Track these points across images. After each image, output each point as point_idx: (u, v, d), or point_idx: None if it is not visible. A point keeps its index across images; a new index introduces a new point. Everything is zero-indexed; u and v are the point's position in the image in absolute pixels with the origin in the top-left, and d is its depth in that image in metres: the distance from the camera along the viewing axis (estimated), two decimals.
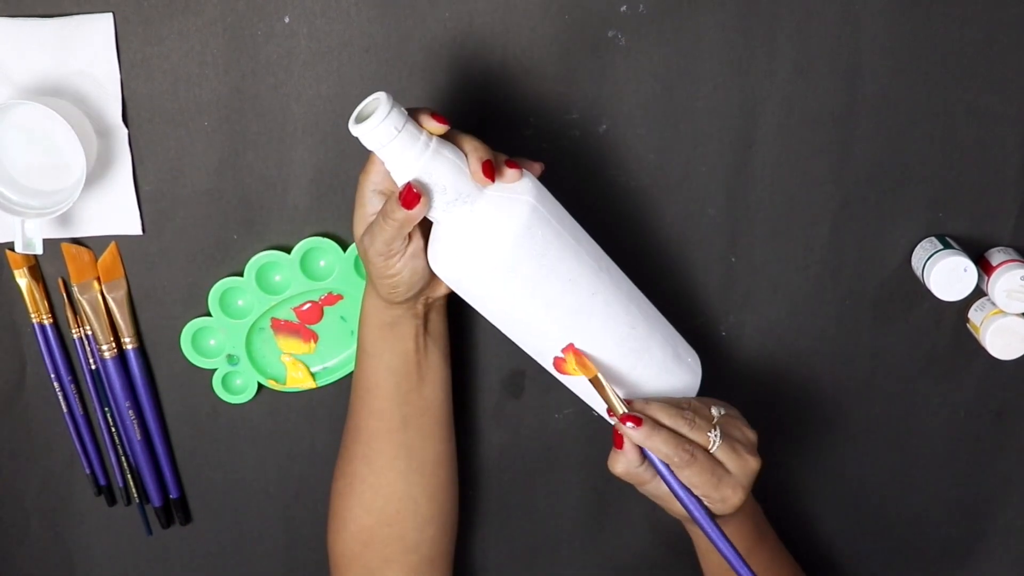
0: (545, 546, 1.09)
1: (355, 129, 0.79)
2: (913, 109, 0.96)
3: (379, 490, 0.94)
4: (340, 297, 0.98)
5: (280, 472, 1.05)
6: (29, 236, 0.91)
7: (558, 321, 0.85)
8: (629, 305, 0.88)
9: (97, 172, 0.93)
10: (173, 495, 1.04)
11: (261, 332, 0.98)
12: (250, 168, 0.95)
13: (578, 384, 0.88)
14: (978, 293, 0.99)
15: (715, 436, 0.85)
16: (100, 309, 0.97)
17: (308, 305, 0.98)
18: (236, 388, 1.00)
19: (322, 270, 0.97)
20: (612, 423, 0.85)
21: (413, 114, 0.81)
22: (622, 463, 0.85)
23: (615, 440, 0.85)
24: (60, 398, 1.00)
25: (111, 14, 0.90)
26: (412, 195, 0.80)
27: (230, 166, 0.94)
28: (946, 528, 1.10)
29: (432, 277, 0.87)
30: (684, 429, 0.84)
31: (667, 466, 0.84)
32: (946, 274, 0.95)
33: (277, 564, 1.08)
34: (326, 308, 0.98)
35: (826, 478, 1.08)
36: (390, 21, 0.91)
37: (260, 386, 1.00)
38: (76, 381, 1.00)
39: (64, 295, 0.97)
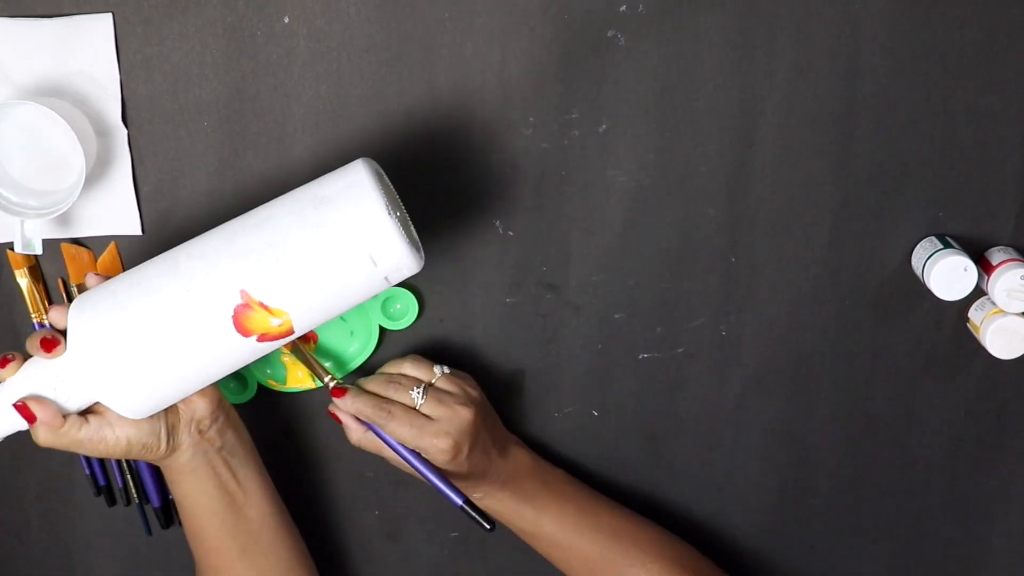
0: None
1: None
2: (913, 109, 0.96)
3: None
4: None
5: (280, 472, 1.04)
6: (29, 236, 0.91)
7: (205, 337, 0.81)
8: (231, 246, 0.81)
9: (97, 172, 0.93)
10: (173, 495, 1.04)
11: None
12: (250, 168, 0.94)
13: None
14: (978, 293, 0.99)
15: (418, 392, 0.93)
16: None
17: None
18: (236, 388, 1.00)
19: None
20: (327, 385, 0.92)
21: None
22: (351, 433, 0.94)
23: (333, 418, 0.94)
24: None
25: (111, 14, 0.90)
26: (24, 411, 0.82)
27: (230, 166, 0.94)
28: (946, 528, 1.10)
29: (175, 411, 0.87)
30: (389, 392, 0.93)
31: (381, 431, 0.92)
32: (946, 274, 0.95)
33: None
34: None
35: (826, 478, 1.08)
36: (390, 21, 0.91)
37: (260, 386, 1.00)
38: None
39: (64, 295, 0.97)
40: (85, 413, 0.85)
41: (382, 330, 0.99)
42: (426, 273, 0.98)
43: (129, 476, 1.02)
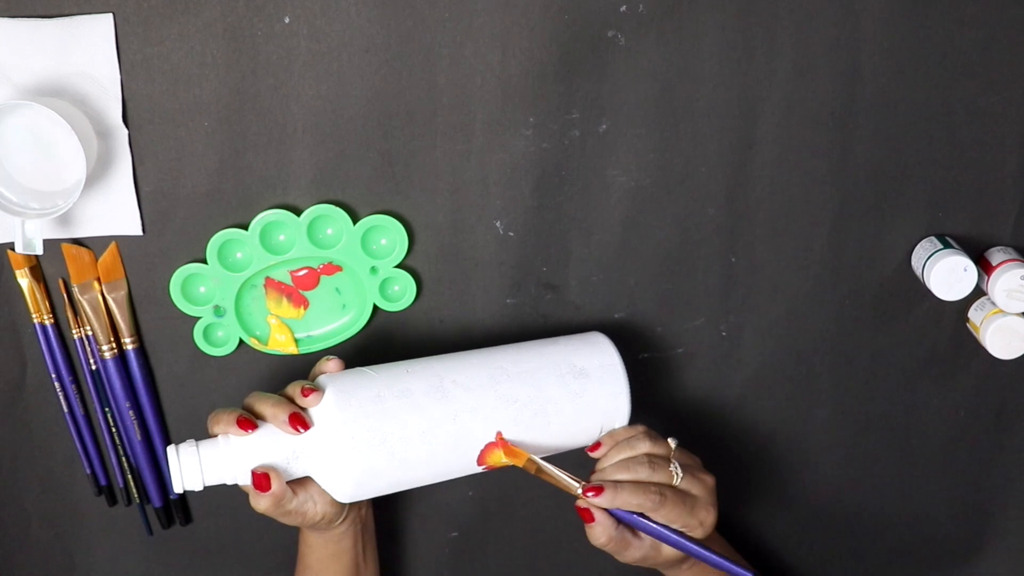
0: (545, 546, 1.09)
1: (176, 491, 0.88)
2: (913, 109, 0.96)
3: None
4: (339, 268, 0.97)
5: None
6: (29, 236, 0.91)
7: (449, 459, 0.89)
8: (497, 388, 0.90)
9: (97, 172, 0.93)
10: (173, 495, 1.04)
11: (253, 289, 0.98)
12: (250, 168, 0.95)
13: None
14: (978, 293, 0.99)
15: (676, 468, 0.88)
16: (100, 309, 0.97)
17: (305, 271, 0.98)
18: (217, 340, 0.99)
19: (328, 238, 0.96)
20: (576, 501, 0.88)
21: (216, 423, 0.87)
22: (600, 532, 0.87)
23: (582, 516, 0.88)
24: (60, 398, 1.00)
25: (111, 15, 0.90)
26: (261, 480, 0.85)
27: (230, 166, 0.94)
28: (946, 528, 1.10)
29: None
30: (644, 475, 0.87)
31: (642, 515, 0.87)
32: (946, 274, 0.95)
33: (277, 564, 1.08)
34: (323, 277, 0.98)
35: (826, 478, 1.08)
36: (390, 21, 0.91)
37: (241, 343, 0.99)
38: (76, 381, 1.00)
39: (64, 295, 0.97)
40: (291, 483, 0.88)
41: (376, 309, 0.99)
42: (426, 273, 0.99)
43: (130, 476, 1.02)
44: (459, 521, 1.07)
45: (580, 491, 0.87)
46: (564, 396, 0.91)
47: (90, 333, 0.98)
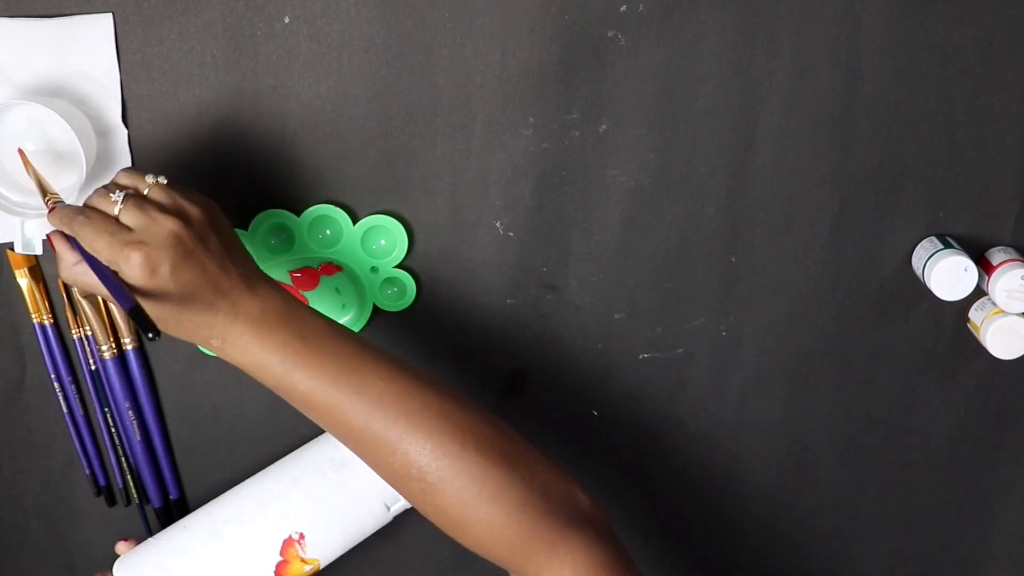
0: None
1: None
2: (913, 109, 0.96)
3: None
4: (339, 269, 0.97)
5: None
6: (29, 236, 0.91)
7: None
8: (266, 512, 0.94)
9: (97, 172, 0.93)
10: (173, 495, 1.04)
11: None
12: (250, 168, 0.94)
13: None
14: (978, 293, 0.98)
15: (118, 196, 0.81)
16: (100, 309, 0.97)
17: (305, 271, 0.97)
18: None
19: (328, 238, 0.96)
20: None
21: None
22: (60, 265, 0.83)
23: (50, 244, 0.83)
24: (60, 398, 1.00)
25: (111, 14, 0.90)
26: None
27: (230, 166, 0.94)
28: (946, 528, 1.10)
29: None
30: (92, 200, 0.82)
31: (78, 245, 0.81)
32: (946, 274, 0.95)
33: None
34: (323, 277, 0.98)
35: (826, 478, 1.08)
36: (390, 21, 0.91)
37: None
38: (76, 381, 1.00)
39: (64, 296, 0.97)
40: None
41: (376, 309, 0.99)
42: (426, 273, 0.98)
43: (129, 476, 1.02)
44: None
45: (48, 205, 0.85)
46: (331, 493, 0.94)
47: (89, 333, 0.98)
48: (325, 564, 0.95)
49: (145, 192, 0.82)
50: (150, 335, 0.75)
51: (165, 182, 0.83)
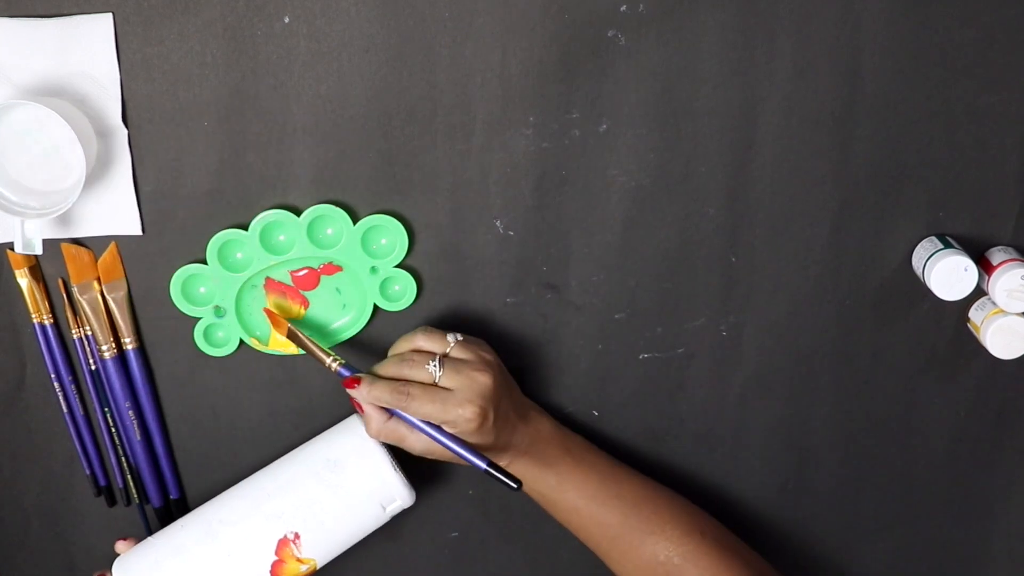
0: (545, 546, 1.08)
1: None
2: (913, 109, 0.96)
3: None
4: (339, 268, 0.97)
5: None
6: (29, 236, 0.91)
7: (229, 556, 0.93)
8: (261, 511, 0.94)
9: (97, 172, 0.93)
10: (173, 495, 1.04)
11: (253, 289, 0.98)
12: (250, 168, 0.94)
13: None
14: (978, 293, 0.98)
15: (434, 366, 0.91)
16: (100, 309, 0.97)
17: (306, 271, 0.97)
18: (217, 340, 0.99)
19: (328, 238, 0.96)
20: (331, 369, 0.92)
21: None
22: (372, 424, 0.92)
23: (357, 407, 0.93)
24: (60, 398, 1.00)
25: (111, 14, 0.90)
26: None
27: (230, 166, 0.94)
28: (946, 528, 1.10)
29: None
30: (404, 371, 0.91)
31: (399, 412, 0.91)
32: (946, 274, 0.95)
33: None
34: (323, 277, 0.98)
35: (826, 478, 1.08)
36: (390, 21, 0.91)
37: (241, 343, 0.99)
38: (76, 381, 1.00)
39: (64, 295, 0.97)
40: None
41: (376, 309, 0.99)
42: (427, 273, 0.98)
43: (129, 476, 1.02)
44: (459, 521, 1.07)
45: (341, 374, 0.92)
46: (326, 493, 0.94)
47: (90, 333, 0.98)
48: (322, 564, 0.95)
49: (448, 352, 0.93)
50: (514, 486, 0.90)
51: (462, 339, 0.94)
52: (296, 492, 0.94)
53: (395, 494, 0.95)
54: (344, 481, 0.94)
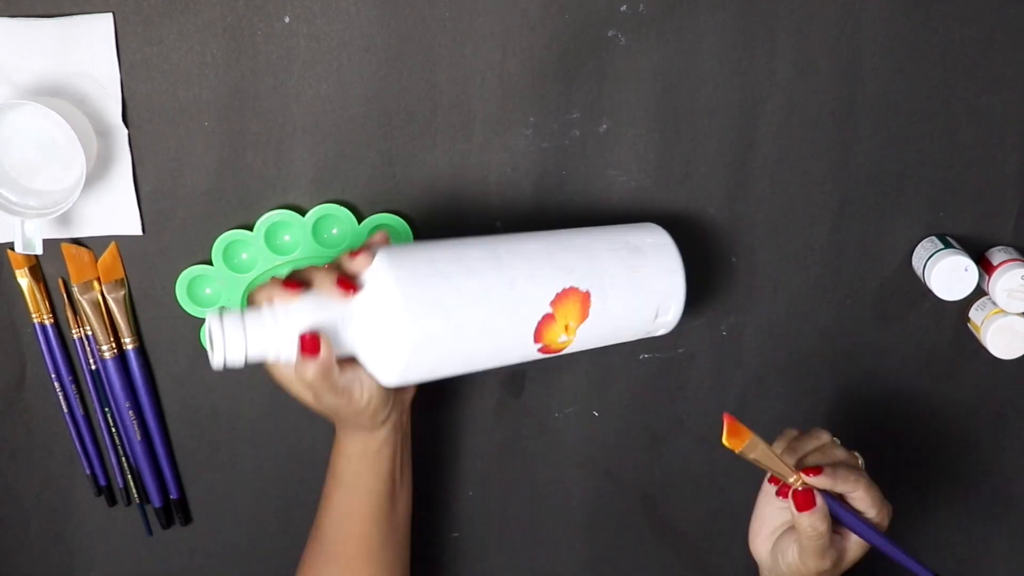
0: (545, 546, 1.09)
1: (216, 364, 0.80)
2: (913, 109, 0.96)
3: None
4: None
5: (280, 472, 1.05)
6: (29, 236, 0.91)
7: (507, 329, 0.84)
8: (552, 259, 0.86)
9: (97, 172, 0.93)
10: (173, 495, 1.04)
11: None
12: (250, 168, 0.95)
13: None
14: (979, 293, 0.98)
15: (856, 455, 0.86)
16: (100, 309, 0.97)
17: None
18: None
19: (333, 238, 0.96)
20: (791, 485, 0.83)
21: (259, 293, 0.81)
22: (822, 518, 0.82)
23: (801, 503, 0.82)
24: (60, 398, 1.00)
25: (111, 14, 0.90)
26: (310, 343, 0.79)
27: (230, 166, 0.94)
28: (946, 529, 1.10)
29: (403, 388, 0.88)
30: (843, 456, 0.84)
31: (838, 504, 0.83)
32: (946, 274, 0.95)
33: (277, 564, 1.08)
34: None
35: None
36: (390, 21, 0.91)
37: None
38: (76, 381, 1.00)
39: (64, 295, 0.97)
40: (340, 362, 0.82)
41: None
42: None
43: (129, 476, 1.02)
44: (459, 521, 1.07)
45: (795, 476, 0.82)
46: (620, 270, 0.88)
47: (90, 333, 0.98)
48: (574, 347, 0.88)
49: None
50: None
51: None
52: (592, 258, 0.87)
53: (673, 305, 0.89)
54: (640, 267, 0.88)
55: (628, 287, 0.88)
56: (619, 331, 0.90)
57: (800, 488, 0.82)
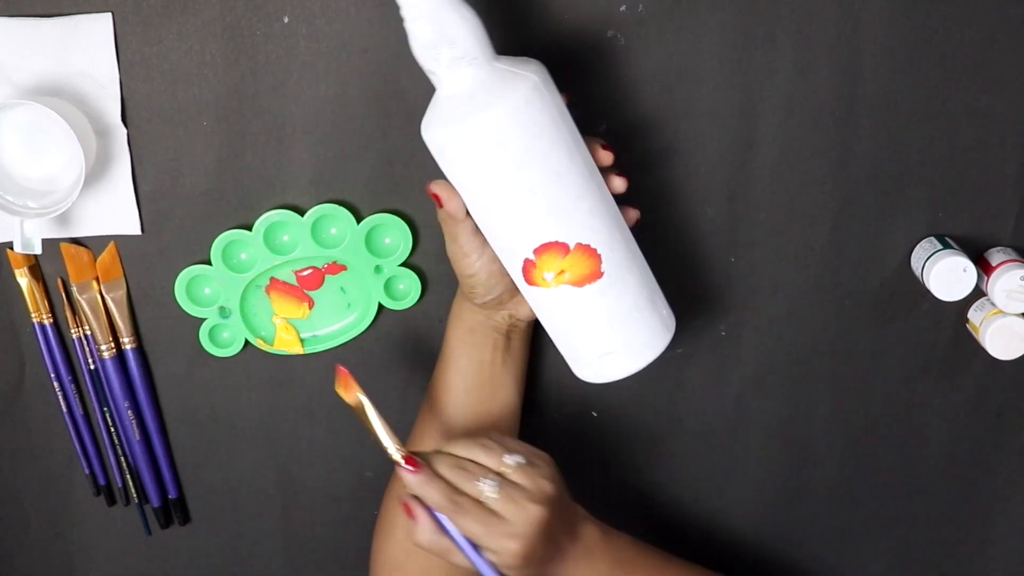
0: None
1: None
2: (913, 109, 0.96)
3: None
4: (344, 268, 0.97)
5: (279, 472, 1.05)
6: (28, 236, 0.91)
7: (536, 214, 0.82)
8: (612, 226, 0.85)
9: (96, 172, 0.93)
10: (172, 495, 1.04)
11: (258, 290, 0.98)
12: (249, 168, 0.94)
13: (554, 328, 0.88)
14: (978, 293, 0.98)
15: (488, 486, 0.83)
16: (99, 309, 0.97)
17: (310, 271, 0.97)
18: (222, 341, 0.99)
19: (332, 238, 0.96)
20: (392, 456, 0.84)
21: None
22: (422, 532, 0.84)
23: (406, 510, 0.84)
24: (59, 398, 1.00)
25: (110, 14, 0.90)
26: (437, 196, 0.85)
27: (229, 166, 0.94)
28: (946, 528, 1.10)
29: (515, 293, 0.90)
30: (458, 479, 0.83)
31: (441, 520, 0.84)
32: (946, 274, 0.95)
33: (277, 564, 1.08)
34: (327, 276, 0.98)
35: (826, 478, 1.08)
36: (390, 21, 0.91)
37: (246, 344, 0.99)
38: (75, 381, 1.00)
39: (63, 295, 0.97)
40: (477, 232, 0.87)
41: (381, 308, 0.99)
42: (431, 271, 0.98)
43: (128, 476, 1.02)
44: None
45: (398, 457, 0.83)
46: (632, 302, 0.87)
47: (89, 333, 0.98)
48: (541, 306, 0.87)
49: (506, 473, 0.85)
50: None
51: (523, 462, 0.86)
52: (639, 270, 0.87)
53: (621, 363, 0.88)
54: (643, 309, 0.87)
55: (622, 312, 0.87)
56: (575, 329, 0.88)
57: (406, 460, 0.83)
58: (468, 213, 0.85)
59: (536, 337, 1.01)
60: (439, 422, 0.95)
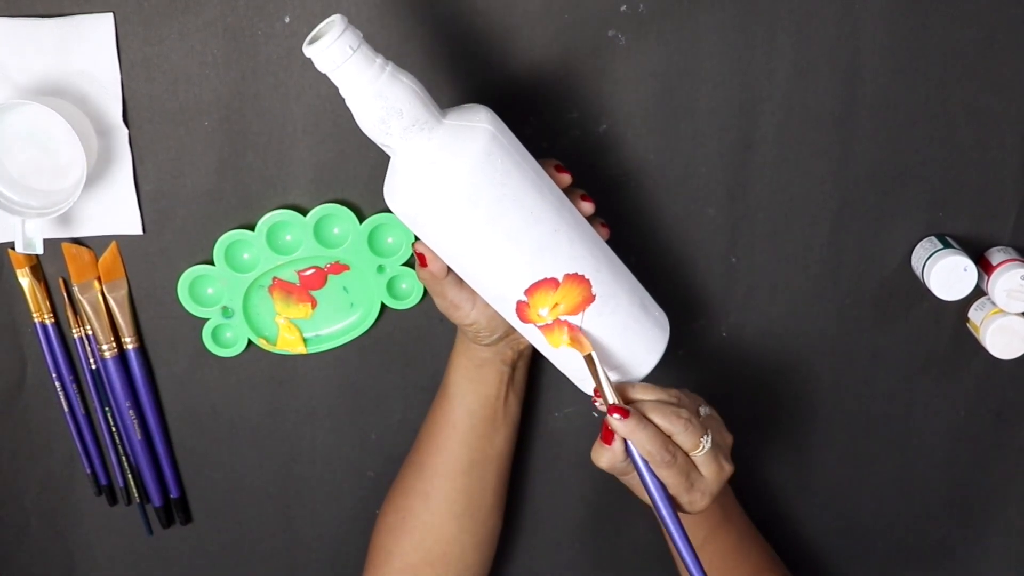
0: (545, 546, 1.09)
1: (308, 50, 0.78)
2: (913, 109, 0.96)
3: (431, 530, 0.96)
4: (347, 267, 0.97)
5: (280, 472, 1.05)
6: (29, 236, 0.91)
7: (520, 259, 0.82)
8: (593, 247, 0.85)
9: (97, 172, 0.93)
10: (173, 495, 1.04)
11: (260, 290, 0.98)
12: (250, 168, 0.95)
13: (556, 355, 0.88)
14: (978, 293, 0.99)
15: (706, 442, 0.83)
16: (100, 309, 0.97)
17: (313, 270, 0.98)
18: (225, 341, 0.99)
19: (335, 238, 0.96)
20: (598, 406, 0.84)
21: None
22: (606, 458, 0.84)
23: (603, 434, 0.84)
24: (61, 398, 1.00)
25: (111, 14, 0.90)
26: (421, 256, 0.86)
27: (230, 166, 0.94)
28: (946, 528, 1.10)
29: (511, 331, 0.91)
30: (678, 429, 0.83)
31: (645, 461, 0.83)
32: (946, 274, 0.95)
33: (277, 564, 1.08)
34: (330, 276, 0.98)
35: (826, 478, 1.08)
36: (390, 21, 0.91)
37: (249, 343, 1.00)
38: (77, 381, 1.00)
39: (65, 295, 0.97)
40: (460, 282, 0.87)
41: (383, 307, 0.99)
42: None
43: (130, 475, 1.02)
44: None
45: (610, 404, 0.83)
46: (620, 317, 0.87)
47: (90, 332, 0.98)
48: (543, 343, 0.87)
49: (703, 423, 0.85)
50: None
51: (712, 413, 0.87)
52: (627, 288, 0.87)
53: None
54: (635, 323, 0.87)
55: (619, 326, 0.87)
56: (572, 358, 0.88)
57: (606, 409, 0.83)
58: (449, 269, 0.86)
59: None
60: (439, 462, 0.96)
